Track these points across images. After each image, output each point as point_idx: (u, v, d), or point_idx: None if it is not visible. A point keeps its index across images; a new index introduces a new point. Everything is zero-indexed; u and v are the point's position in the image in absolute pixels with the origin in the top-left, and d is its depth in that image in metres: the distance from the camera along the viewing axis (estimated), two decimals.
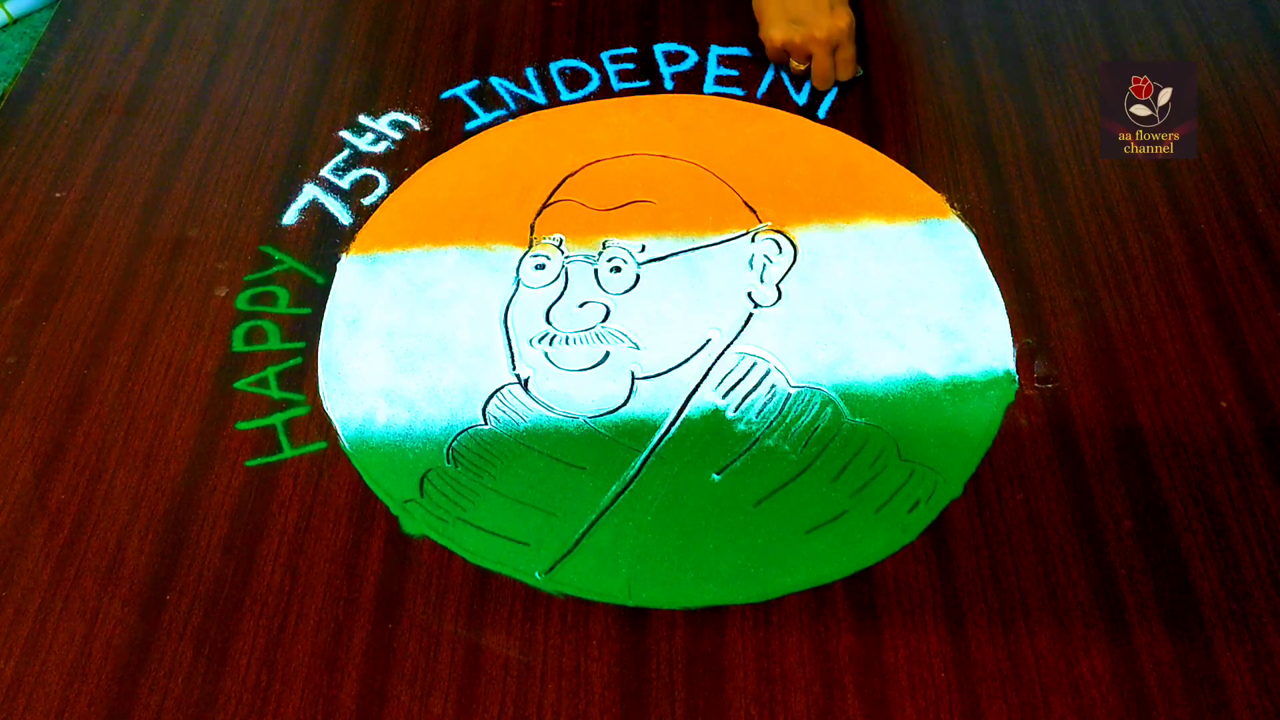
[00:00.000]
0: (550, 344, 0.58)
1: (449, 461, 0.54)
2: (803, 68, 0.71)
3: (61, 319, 0.60)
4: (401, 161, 0.68)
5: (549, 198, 0.65)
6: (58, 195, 0.67)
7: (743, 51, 0.74)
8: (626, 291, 0.60)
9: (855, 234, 0.63)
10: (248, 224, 0.65)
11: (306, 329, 0.60)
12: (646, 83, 0.73)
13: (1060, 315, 0.59)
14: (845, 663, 0.47)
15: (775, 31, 0.70)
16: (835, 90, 0.71)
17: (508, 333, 0.59)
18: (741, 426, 0.55)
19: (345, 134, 0.70)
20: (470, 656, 0.48)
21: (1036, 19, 0.76)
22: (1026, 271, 0.61)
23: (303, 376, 0.58)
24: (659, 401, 0.56)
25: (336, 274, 0.62)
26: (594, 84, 0.73)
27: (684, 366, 0.57)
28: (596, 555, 0.51)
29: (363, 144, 0.69)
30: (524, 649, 0.48)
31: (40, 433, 0.56)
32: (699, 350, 0.58)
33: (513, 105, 0.72)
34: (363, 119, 0.71)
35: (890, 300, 0.60)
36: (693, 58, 0.74)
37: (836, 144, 0.68)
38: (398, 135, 0.70)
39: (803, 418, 0.55)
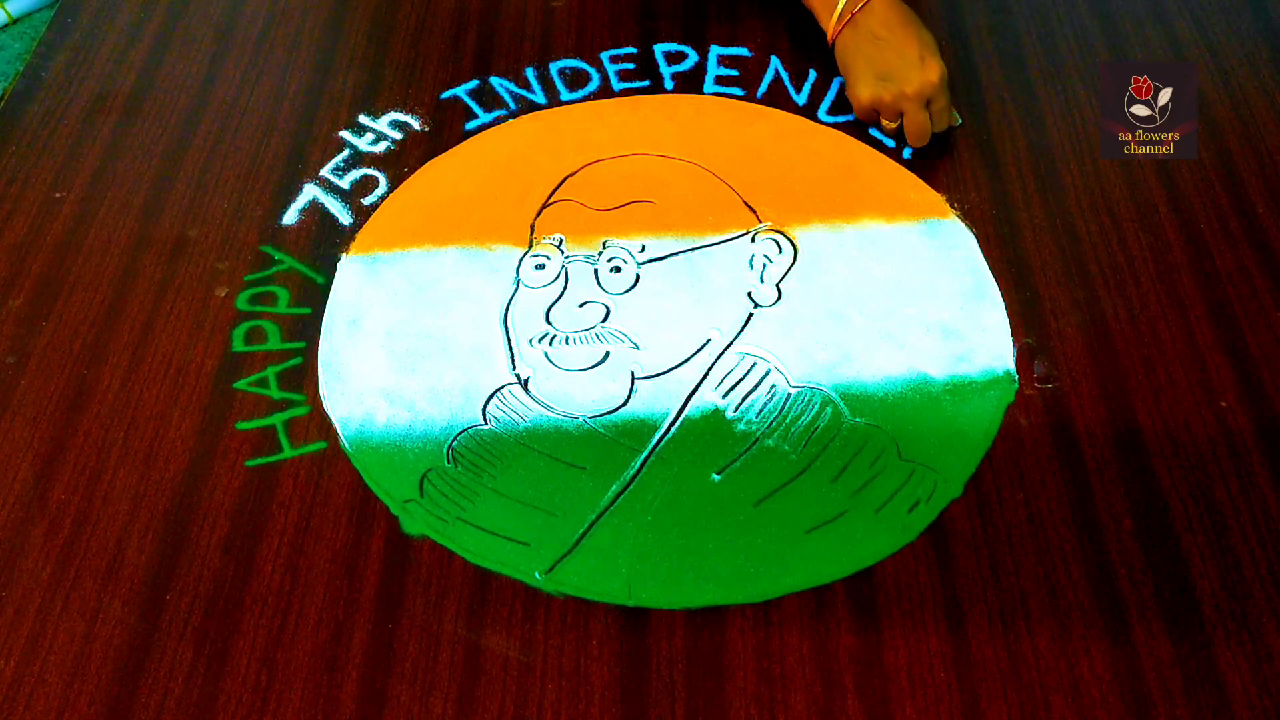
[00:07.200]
0: (550, 344, 0.58)
1: (449, 461, 0.54)
2: (894, 125, 0.66)
3: (61, 319, 0.60)
4: (401, 161, 0.68)
5: (549, 198, 0.65)
6: (58, 195, 0.67)
7: (743, 51, 0.74)
8: (626, 291, 0.60)
9: (855, 234, 0.63)
10: (248, 224, 0.65)
11: (306, 329, 0.60)
12: (646, 83, 0.72)
13: (1060, 315, 0.59)
14: (845, 663, 0.47)
15: (863, 89, 0.65)
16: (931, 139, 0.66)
17: (508, 333, 0.59)
18: (741, 426, 0.55)
19: (345, 134, 0.70)
20: (470, 656, 0.48)
21: (1036, 19, 0.76)
22: (1026, 271, 0.61)
23: (303, 376, 0.58)
24: (659, 401, 0.56)
25: (336, 274, 0.62)
26: (594, 84, 0.73)
27: (684, 366, 0.57)
28: (596, 555, 0.51)
29: (363, 144, 0.69)
30: (524, 649, 0.48)
31: (40, 433, 0.56)
32: (699, 350, 0.58)
33: (513, 105, 0.72)
34: (363, 119, 0.71)
35: (890, 300, 0.60)
36: (693, 58, 0.74)
37: (836, 144, 0.68)
38: (398, 135, 0.70)
39: (803, 418, 0.55)
